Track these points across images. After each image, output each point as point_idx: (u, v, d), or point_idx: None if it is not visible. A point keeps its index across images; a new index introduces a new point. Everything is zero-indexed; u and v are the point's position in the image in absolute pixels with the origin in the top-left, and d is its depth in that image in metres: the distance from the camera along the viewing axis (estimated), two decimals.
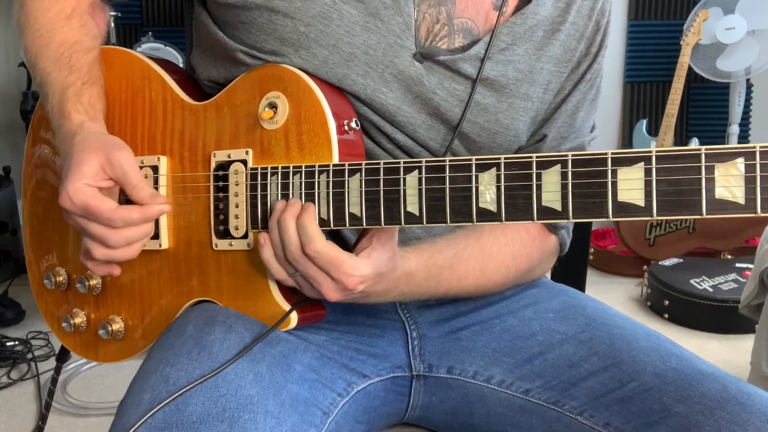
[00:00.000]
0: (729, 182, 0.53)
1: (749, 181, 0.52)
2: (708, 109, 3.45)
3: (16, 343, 2.29)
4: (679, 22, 3.26)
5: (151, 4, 3.37)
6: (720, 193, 0.53)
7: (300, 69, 0.74)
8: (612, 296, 2.82)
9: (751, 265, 1.91)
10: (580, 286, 1.98)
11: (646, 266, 2.86)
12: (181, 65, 0.97)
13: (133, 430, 0.63)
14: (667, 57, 3.35)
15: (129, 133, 0.85)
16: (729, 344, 2.37)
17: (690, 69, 3.08)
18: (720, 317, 2.43)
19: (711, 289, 2.48)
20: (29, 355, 2.22)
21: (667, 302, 2.56)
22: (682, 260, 2.77)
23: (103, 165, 0.75)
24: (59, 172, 0.79)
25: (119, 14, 2.98)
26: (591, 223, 2.44)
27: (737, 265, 2.68)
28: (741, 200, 0.52)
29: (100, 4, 0.92)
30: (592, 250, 3.14)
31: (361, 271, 0.67)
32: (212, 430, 0.62)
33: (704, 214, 0.53)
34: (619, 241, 3.07)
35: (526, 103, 0.80)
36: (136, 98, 0.86)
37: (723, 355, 2.30)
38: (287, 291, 0.76)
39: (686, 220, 2.93)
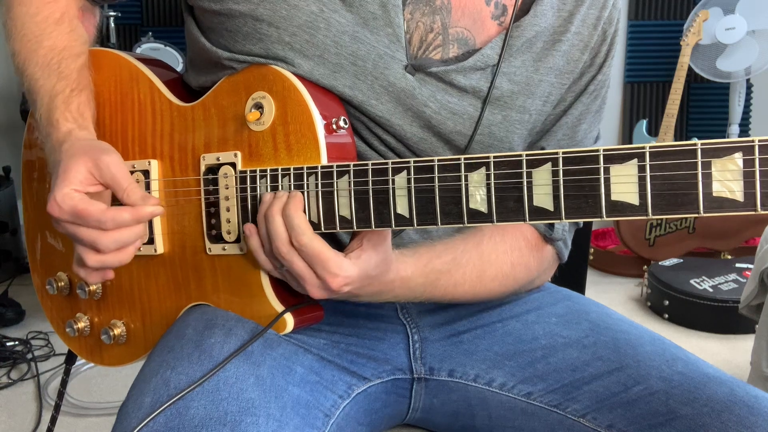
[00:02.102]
0: (727, 178, 0.50)
1: (748, 177, 0.49)
2: (708, 109, 3.45)
3: (16, 343, 2.29)
4: (679, 22, 3.26)
5: (151, 4, 3.37)
6: (718, 189, 0.50)
7: None
8: (612, 296, 2.82)
9: (751, 265, 1.91)
10: (581, 286, 1.98)
11: (646, 266, 2.86)
12: (181, 65, 0.96)
13: None
14: (667, 57, 3.35)
15: (120, 136, 0.84)
16: (729, 344, 2.37)
17: (690, 69, 3.08)
18: (720, 317, 2.43)
19: (711, 289, 2.48)
20: (29, 355, 2.22)
21: (667, 302, 2.55)
22: (682, 260, 2.77)
23: (91, 170, 0.72)
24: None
25: (119, 14, 2.97)
26: (591, 222, 2.43)
27: (737, 265, 2.68)
28: (740, 197, 0.50)
29: (90, 7, 0.91)
30: (592, 250, 3.14)
31: (347, 272, 0.66)
32: None
33: (702, 212, 0.51)
34: (619, 241, 3.07)
35: (522, 116, 0.78)
36: (125, 100, 0.84)
37: (723, 355, 2.29)
38: (283, 293, 0.75)
39: (686, 219, 2.94)
